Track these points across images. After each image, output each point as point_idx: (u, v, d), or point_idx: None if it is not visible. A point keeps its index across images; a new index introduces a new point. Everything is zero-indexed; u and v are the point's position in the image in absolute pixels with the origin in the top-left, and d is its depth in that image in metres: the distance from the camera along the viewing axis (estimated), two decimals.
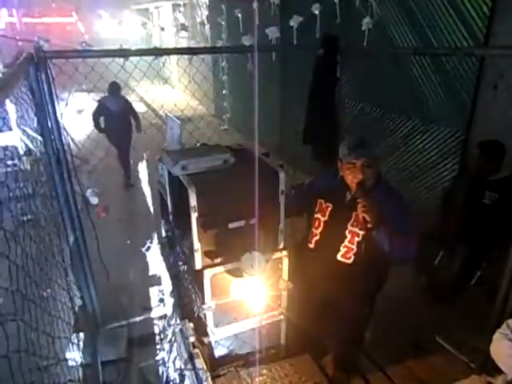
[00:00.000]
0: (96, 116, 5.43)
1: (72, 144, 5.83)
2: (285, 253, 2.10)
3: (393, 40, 4.03)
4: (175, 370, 1.91)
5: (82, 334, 2.48)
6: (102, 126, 5.47)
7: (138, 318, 2.79)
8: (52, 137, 2.35)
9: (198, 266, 1.93)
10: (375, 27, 3.84)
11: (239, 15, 6.73)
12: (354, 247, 2.14)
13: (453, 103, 3.42)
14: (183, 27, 10.58)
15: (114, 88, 5.28)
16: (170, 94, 11.84)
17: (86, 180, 4.77)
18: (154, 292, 3.01)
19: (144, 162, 6.21)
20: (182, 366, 1.73)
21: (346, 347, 2.51)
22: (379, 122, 4.06)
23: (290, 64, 5.57)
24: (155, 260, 2.80)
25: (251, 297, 2.05)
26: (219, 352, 2.11)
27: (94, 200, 4.61)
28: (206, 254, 1.93)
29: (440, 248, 3.27)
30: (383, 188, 2.15)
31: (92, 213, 2.91)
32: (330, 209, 2.19)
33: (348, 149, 2.07)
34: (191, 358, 1.76)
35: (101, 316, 2.73)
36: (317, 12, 3.90)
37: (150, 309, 2.88)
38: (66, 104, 2.70)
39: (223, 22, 8.14)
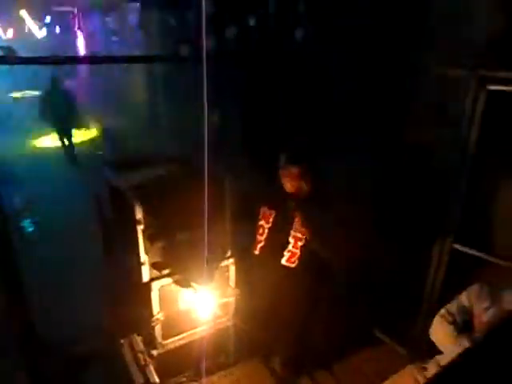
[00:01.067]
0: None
1: None
2: (231, 260, 2.14)
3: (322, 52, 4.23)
4: None
5: None
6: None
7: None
8: None
9: (146, 278, 1.90)
10: (307, 39, 4.03)
11: (173, 23, 6.69)
12: (298, 251, 2.24)
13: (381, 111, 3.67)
14: (114, 33, 10.25)
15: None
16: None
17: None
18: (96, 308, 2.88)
19: None
20: (136, 382, 1.69)
21: (292, 349, 2.60)
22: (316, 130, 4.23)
23: (225, 73, 5.63)
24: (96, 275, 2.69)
25: (200, 306, 2.06)
26: (169, 364, 2.09)
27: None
28: (154, 265, 1.91)
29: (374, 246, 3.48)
30: (321, 194, 2.28)
31: None
32: (273, 216, 2.26)
33: (286, 157, 2.18)
34: (143, 372, 1.74)
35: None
36: (252, 23, 4.02)
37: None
38: None
39: (156, 29, 8.03)
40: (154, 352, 2.00)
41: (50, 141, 7.93)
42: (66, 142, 6.83)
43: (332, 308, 3.01)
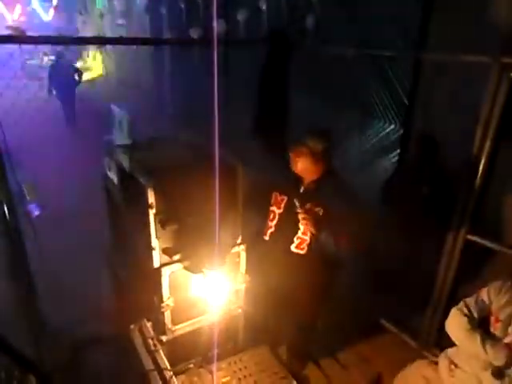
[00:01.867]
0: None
1: None
2: (242, 247, 2.12)
3: (333, 37, 4.16)
4: None
5: None
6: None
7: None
8: None
9: (156, 264, 1.88)
10: (317, 25, 3.95)
11: (182, 6, 6.58)
12: (307, 238, 2.21)
13: (392, 100, 3.62)
14: (122, 15, 10.14)
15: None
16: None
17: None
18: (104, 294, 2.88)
19: None
20: (145, 367, 1.69)
21: (300, 336, 2.60)
22: (325, 116, 4.19)
23: (235, 58, 5.55)
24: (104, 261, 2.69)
25: (210, 292, 2.04)
26: (178, 349, 2.08)
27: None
28: (164, 251, 1.88)
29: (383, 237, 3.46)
30: (333, 181, 2.24)
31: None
32: (284, 201, 2.24)
33: (296, 139, 2.15)
34: (153, 357, 1.73)
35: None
36: (263, 7, 3.93)
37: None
38: None
39: (164, 11, 7.91)
40: (164, 338, 1.99)
41: None
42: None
43: (340, 296, 3.00)
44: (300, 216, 2.08)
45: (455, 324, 1.94)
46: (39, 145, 6.14)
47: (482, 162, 2.30)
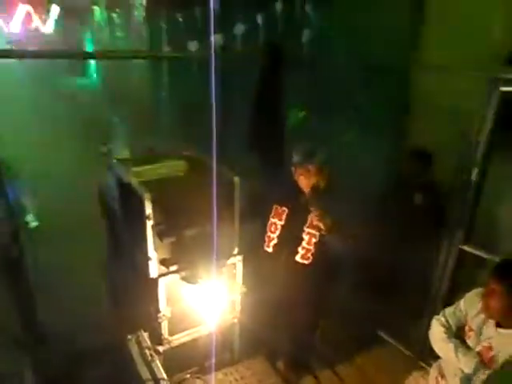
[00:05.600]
0: None
1: None
2: (239, 258, 2.14)
3: (329, 51, 4.23)
4: None
5: None
6: None
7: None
8: None
9: (154, 274, 1.90)
10: (314, 39, 4.02)
11: (181, 20, 6.66)
12: (312, 248, 2.25)
13: (387, 112, 3.67)
14: (120, 28, 10.23)
15: None
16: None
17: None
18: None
19: None
20: (142, 377, 1.70)
21: (297, 346, 2.61)
22: (321, 129, 4.23)
23: (232, 72, 5.62)
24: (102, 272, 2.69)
25: (206, 303, 2.06)
26: (175, 360, 2.09)
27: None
28: (162, 262, 1.91)
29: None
30: (331, 193, 2.28)
31: None
32: (285, 213, 2.27)
33: (302, 155, 2.19)
34: (150, 367, 1.74)
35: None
36: (260, 21, 4.00)
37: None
38: None
39: (163, 26, 7.99)
40: (160, 348, 2.00)
41: None
42: None
43: (337, 308, 3.02)
44: (313, 213, 2.14)
45: (434, 334, 1.98)
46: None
47: (475, 172, 2.34)
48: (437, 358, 2.14)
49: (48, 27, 16.26)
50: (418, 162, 3.16)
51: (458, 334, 1.96)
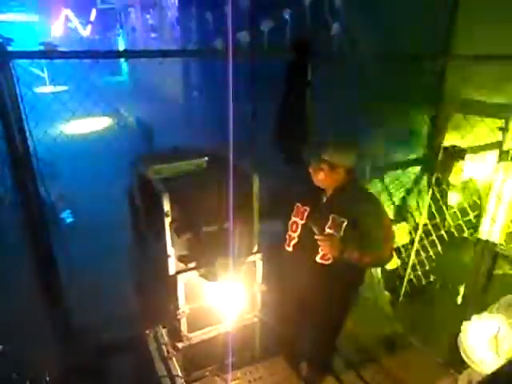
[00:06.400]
0: None
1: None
2: (258, 256, 2.11)
3: (359, 45, 4.12)
4: None
5: None
6: None
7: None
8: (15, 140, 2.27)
9: (172, 271, 1.91)
10: (344, 33, 3.93)
11: (210, 18, 6.72)
12: None
13: (420, 108, 3.54)
14: (153, 28, 10.47)
15: None
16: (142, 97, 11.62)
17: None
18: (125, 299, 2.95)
19: None
20: (158, 373, 1.71)
21: (321, 348, 2.55)
22: (349, 125, 4.14)
23: (260, 67, 5.60)
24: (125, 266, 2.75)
25: (225, 301, 2.05)
26: (194, 357, 2.09)
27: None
28: (180, 258, 1.91)
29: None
30: (354, 192, 2.20)
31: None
32: (307, 212, 2.22)
33: (314, 151, 2.13)
34: (166, 364, 1.74)
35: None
36: (287, 17, 3.96)
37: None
38: None
39: (193, 25, 8.10)
40: (179, 344, 2.00)
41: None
42: None
43: (363, 309, 2.94)
44: (319, 242, 2.07)
45: (463, 342, 1.86)
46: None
47: None
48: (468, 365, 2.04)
49: (87, 30, 16.80)
50: (450, 157, 3.02)
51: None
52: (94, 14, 17.53)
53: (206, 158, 2.18)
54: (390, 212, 3.17)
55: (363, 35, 4.03)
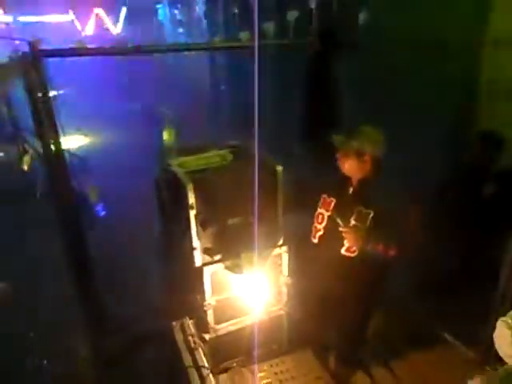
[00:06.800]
0: None
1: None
2: (284, 249, 2.10)
3: (388, 33, 3.99)
4: None
5: None
6: None
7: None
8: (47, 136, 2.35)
9: (198, 263, 1.93)
10: (371, 20, 3.81)
11: (236, 11, 6.70)
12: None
13: (449, 97, 3.40)
14: (181, 23, 10.57)
15: None
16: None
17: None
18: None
19: None
20: (185, 364, 1.73)
21: (349, 342, 2.52)
22: (376, 116, 4.03)
23: (288, 59, 5.54)
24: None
25: (251, 293, 2.05)
26: (221, 348, 2.11)
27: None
28: (205, 251, 1.92)
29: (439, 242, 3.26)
30: (381, 184, 2.15)
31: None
32: (333, 203, 2.19)
33: (342, 137, 2.10)
34: (193, 355, 1.77)
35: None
36: (313, 6, 3.88)
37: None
38: None
39: (220, 18, 8.11)
40: (206, 336, 2.03)
41: None
42: None
43: (392, 303, 2.88)
44: (343, 234, 2.06)
45: (499, 337, 1.79)
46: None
47: None
48: (503, 362, 1.96)
49: (118, 28, 17.13)
50: (489, 146, 2.87)
51: None
52: (124, 12, 17.89)
53: (231, 151, 2.18)
54: None
55: (392, 22, 3.91)
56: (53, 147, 2.38)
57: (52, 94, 2.39)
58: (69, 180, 2.54)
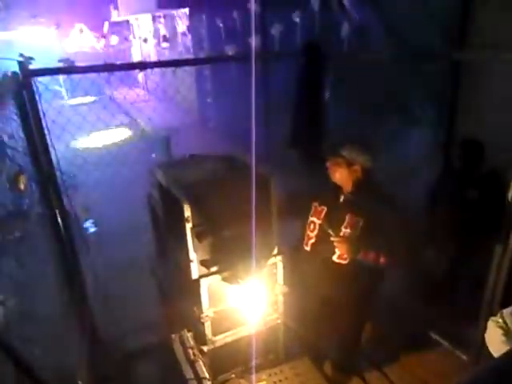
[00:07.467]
0: None
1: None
2: (279, 258, 2.13)
3: (369, 43, 4.11)
4: None
5: None
6: None
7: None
8: (39, 155, 2.35)
9: (195, 275, 1.95)
10: (353, 32, 3.93)
11: (221, 25, 6.80)
12: None
13: (433, 104, 3.51)
14: (165, 38, 10.63)
15: None
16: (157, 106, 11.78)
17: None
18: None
19: None
20: (186, 376, 1.74)
21: (344, 348, 2.55)
22: (363, 124, 4.13)
23: (273, 71, 5.63)
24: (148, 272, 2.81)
25: (248, 303, 2.07)
26: (219, 360, 2.12)
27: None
28: (202, 263, 1.94)
29: (429, 247, 3.33)
30: (373, 190, 2.20)
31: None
32: (324, 212, 2.23)
33: (332, 146, 2.17)
34: (193, 367, 1.78)
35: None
36: (297, 20, 3.98)
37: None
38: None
39: (204, 32, 8.20)
40: (205, 348, 2.04)
41: None
42: None
43: (385, 308, 2.92)
44: (334, 243, 2.10)
45: (491, 336, 1.85)
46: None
47: None
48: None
49: (100, 43, 17.11)
50: (472, 152, 2.96)
51: None
52: (106, 26, 17.94)
53: (223, 162, 2.21)
54: None
55: (374, 34, 4.03)
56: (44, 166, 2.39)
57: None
58: (60, 198, 2.54)
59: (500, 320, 1.86)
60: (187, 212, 1.82)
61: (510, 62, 2.32)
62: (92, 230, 5.02)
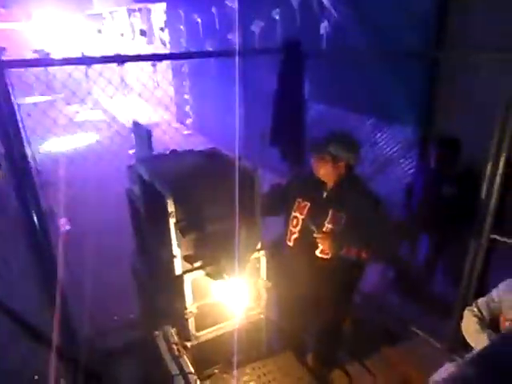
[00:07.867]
0: None
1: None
2: (262, 253, 2.14)
3: (348, 41, 4.17)
4: None
5: None
6: None
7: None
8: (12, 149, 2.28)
9: (178, 271, 1.93)
10: (333, 30, 3.97)
11: (199, 20, 6.74)
12: None
13: (410, 101, 3.59)
14: (142, 33, 10.45)
15: None
16: (135, 103, 11.58)
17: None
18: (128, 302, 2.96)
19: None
20: (172, 372, 1.73)
21: (326, 341, 2.59)
22: (341, 121, 4.19)
23: (252, 67, 5.64)
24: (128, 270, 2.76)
25: (231, 298, 2.07)
26: (202, 355, 2.11)
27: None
28: (186, 258, 1.93)
29: (407, 241, 3.42)
30: (356, 185, 2.24)
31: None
32: (307, 207, 2.25)
33: (317, 142, 2.19)
34: (178, 362, 1.77)
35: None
36: (277, 17, 3.99)
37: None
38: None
39: (182, 27, 8.11)
40: (188, 344, 2.03)
41: None
42: None
43: (365, 302, 2.98)
44: (317, 239, 2.13)
45: (466, 325, 1.93)
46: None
47: (502, 160, 2.26)
48: (470, 349, 2.08)
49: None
50: (448, 150, 3.03)
51: (492, 325, 1.90)
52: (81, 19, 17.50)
53: (206, 157, 2.20)
54: None
55: (352, 33, 4.09)
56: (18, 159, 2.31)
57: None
58: (36, 195, 2.47)
59: (475, 309, 1.94)
60: (171, 207, 1.81)
61: (487, 62, 2.40)
62: (67, 227, 4.90)
